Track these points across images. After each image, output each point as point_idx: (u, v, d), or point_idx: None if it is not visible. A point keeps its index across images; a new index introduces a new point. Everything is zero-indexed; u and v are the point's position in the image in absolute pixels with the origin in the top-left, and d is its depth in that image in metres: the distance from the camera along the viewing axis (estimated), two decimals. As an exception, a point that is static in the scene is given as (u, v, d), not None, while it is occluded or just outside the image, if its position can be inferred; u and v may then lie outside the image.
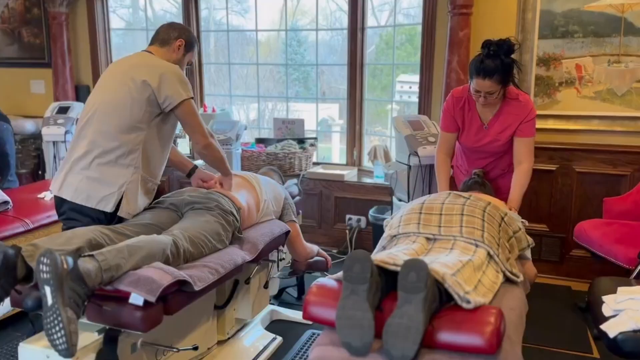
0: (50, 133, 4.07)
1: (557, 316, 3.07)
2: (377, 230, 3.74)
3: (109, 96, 2.24)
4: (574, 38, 3.39)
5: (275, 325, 2.96)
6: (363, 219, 4.04)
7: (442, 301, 1.50)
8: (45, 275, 1.55)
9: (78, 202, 2.19)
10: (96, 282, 1.66)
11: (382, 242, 2.06)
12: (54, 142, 4.11)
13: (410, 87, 4.40)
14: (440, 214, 2.01)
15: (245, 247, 2.32)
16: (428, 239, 1.94)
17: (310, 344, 2.75)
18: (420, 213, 2.03)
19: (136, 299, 1.70)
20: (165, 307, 1.80)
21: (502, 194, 2.81)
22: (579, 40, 3.38)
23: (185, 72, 2.38)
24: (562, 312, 3.14)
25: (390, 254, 1.68)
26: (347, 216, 4.10)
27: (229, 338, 2.57)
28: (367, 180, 4.10)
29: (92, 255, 1.69)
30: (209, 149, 2.35)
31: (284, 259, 2.88)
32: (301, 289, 3.30)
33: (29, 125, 4.69)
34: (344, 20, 4.61)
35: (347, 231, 4.09)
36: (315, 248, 2.94)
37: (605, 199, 3.20)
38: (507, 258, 1.92)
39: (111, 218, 2.23)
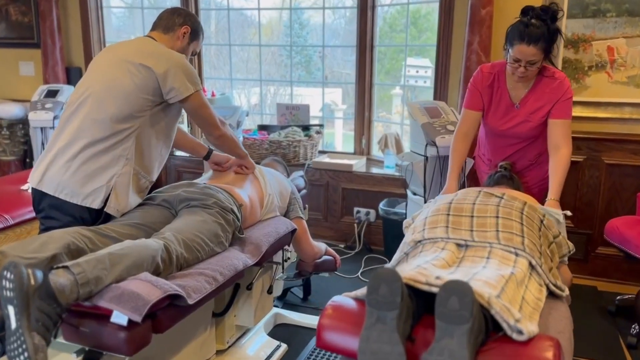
0: (37, 119, 3.79)
1: (585, 320, 2.83)
2: (387, 224, 3.50)
3: (107, 81, 2.00)
4: (606, 17, 3.10)
5: (279, 330, 2.73)
6: (372, 212, 3.78)
7: (487, 331, 1.24)
8: (8, 293, 1.31)
9: (61, 197, 1.95)
10: (71, 298, 1.41)
11: (403, 247, 1.79)
12: (41, 128, 3.83)
13: (417, 72, 4.16)
14: (472, 216, 1.74)
15: (247, 249, 2.08)
16: (459, 245, 1.68)
17: (318, 352, 2.51)
18: (448, 215, 1.77)
19: (119, 317, 1.45)
20: (154, 324, 1.55)
21: (528, 189, 2.58)
22: (611, 19, 3.09)
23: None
24: (589, 315, 2.90)
25: (419, 267, 1.41)
26: (356, 209, 3.84)
27: (229, 347, 2.34)
28: (376, 170, 3.84)
29: (66, 267, 1.44)
30: (223, 139, 2.26)
31: (289, 259, 2.63)
32: (307, 289, 3.07)
33: (17, 110, 4.41)
34: (347, 3, 4.36)
35: (355, 225, 3.84)
36: (322, 246, 2.70)
37: (639, 194, 2.94)
38: (549, 268, 1.66)
39: (96, 217, 2.00)
